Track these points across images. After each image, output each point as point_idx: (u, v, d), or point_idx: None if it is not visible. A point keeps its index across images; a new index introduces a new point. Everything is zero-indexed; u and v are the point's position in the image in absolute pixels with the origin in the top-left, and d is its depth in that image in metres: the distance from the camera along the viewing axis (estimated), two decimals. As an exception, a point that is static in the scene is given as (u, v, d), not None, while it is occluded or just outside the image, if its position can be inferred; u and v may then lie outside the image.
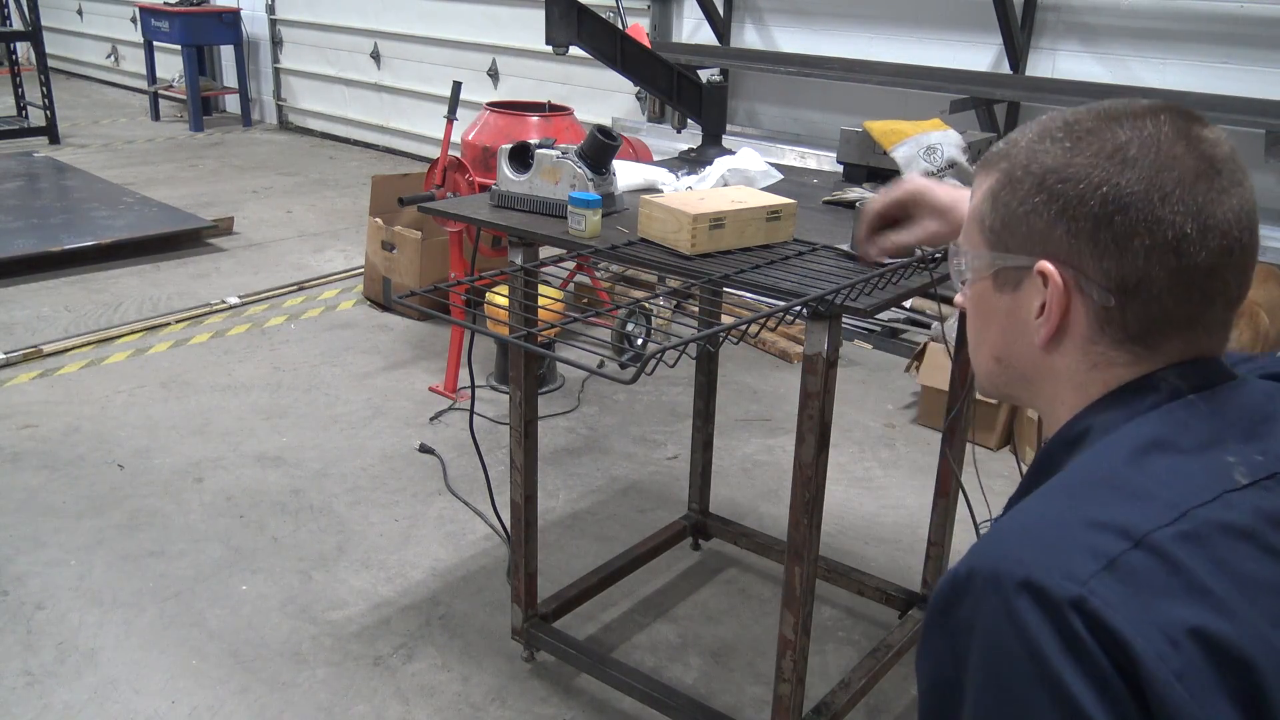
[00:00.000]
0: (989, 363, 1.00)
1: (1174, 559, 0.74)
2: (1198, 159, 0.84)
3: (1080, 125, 0.88)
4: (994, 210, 0.93)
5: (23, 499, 3.26)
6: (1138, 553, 0.74)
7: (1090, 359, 0.90)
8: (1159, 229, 0.83)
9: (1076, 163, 0.86)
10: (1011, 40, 4.75)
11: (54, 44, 11.13)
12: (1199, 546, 0.76)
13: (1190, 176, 0.83)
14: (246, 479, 3.43)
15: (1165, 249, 0.83)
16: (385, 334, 4.76)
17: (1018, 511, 0.83)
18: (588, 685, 2.53)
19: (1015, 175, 0.91)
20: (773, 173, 2.54)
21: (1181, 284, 0.84)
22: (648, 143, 4.65)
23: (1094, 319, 0.88)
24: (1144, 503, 0.78)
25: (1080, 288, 0.87)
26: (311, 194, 7.26)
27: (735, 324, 1.60)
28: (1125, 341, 0.88)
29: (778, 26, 5.82)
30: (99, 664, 2.55)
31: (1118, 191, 0.84)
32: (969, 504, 2.37)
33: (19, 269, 5.25)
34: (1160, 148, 0.84)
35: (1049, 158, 0.88)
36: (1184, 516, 0.77)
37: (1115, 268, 0.85)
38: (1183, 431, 0.84)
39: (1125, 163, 0.84)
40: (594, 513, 3.32)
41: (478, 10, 7.51)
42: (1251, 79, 4.28)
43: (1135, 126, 0.86)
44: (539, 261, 2.13)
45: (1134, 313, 0.86)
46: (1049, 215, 0.88)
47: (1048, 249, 0.88)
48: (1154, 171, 0.84)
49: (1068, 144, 0.88)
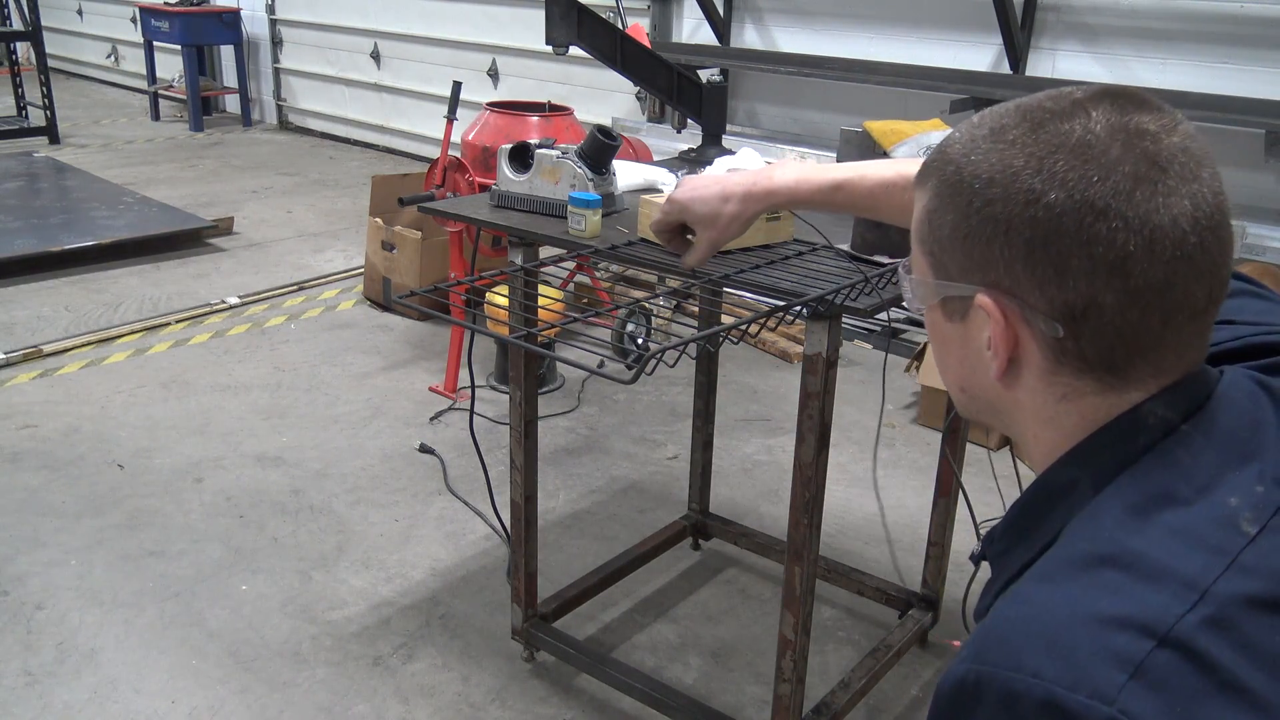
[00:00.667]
0: (956, 391, 0.93)
1: (1203, 655, 0.67)
2: (1136, 159, 0.74)
3: (1007, 131, 0.79)
4: (931, 234, 0.85)
5: (23, 499, 3.26)
6: (1164, 653, 0.67)
7: (1056, 390, 0.81)
8: (1097, 250, 0.74)
9: (1000, 181, 0.78)
10: (1011, 40, 4.75)
11: (54, 44, 11.13)
12: (1225, 634, 0.68)
13: (1128, 184, 0.74)
14: (246, 479, 3.43)
15: (1108, 270, 0.74)
16: (385, 334, 4.76)
17: (1021, 601, 0.74)
18: (588, 685, 2.53)
19: (945, 194, 0.82)
20: (773, 173, 2.53)
21: (1135, 305, 0.75)
22: (648, 143, 4.65)
23: (1048, 350, 0.79)
24: (1158, 585, 0.70)
25: (1025, 319, 0.79)
26: (311, 194, 7.26)
27: (735, 324, 1.60)
28: (1087, 371, 0.79)
29: (778, 26, 5.81)
30: (99, 664, 2.55)
31: (1047, 212, 0.75)
32: (969, 504, 2.37)
33: (19, 269, 5.25)
34: (1091, 155, 0.75)
35: (975, 174, 0.80)
36: (1204, 599, 0.69)
37: (1058, 295, 0.76)
38: (1181, 476, 0.77)
39: (1053, 178, 0.75)
40: (594, 513, 3.32)
41: (478, 10, 7.51)
42: (1251, 79, 4.28)
43: (1064, 131, 0.77)
44: (539, 261, 2.13)
45: (1089, 340, 0.77)
46: (982, 239, 0.79)
47: (986, 277, 0.80)
48: (1085, 186, 0.74)
49: (994, 157, 0.79)
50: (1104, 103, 0.78)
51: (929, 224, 0.85)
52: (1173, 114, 0.78)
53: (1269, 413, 0.82)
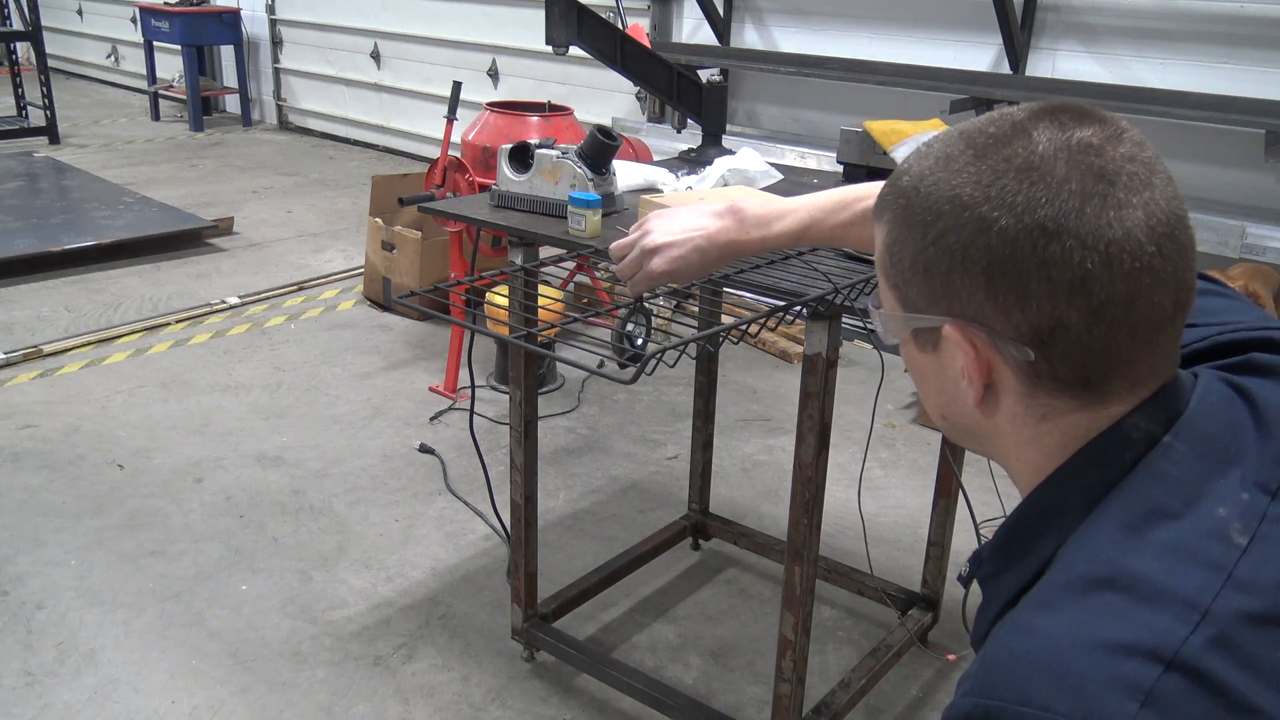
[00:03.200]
0: (938, 419, 0.93)
1: (1211, 677, 0.67)
2: (1083, 176, 0.74)
3: (954, 160, 0.79)
4: (893, 267, 0.84)
5: (23, 499, 3.26)
6: (1172, 677, 0.66)
7: (1035, 412, 0.81)
8: (1054, 271, 0.73)
9: (950, 212, 0.77)
10: (1011, 40, 4.75)
11: (54, 44, 11.13)
12: (1230, 653, 0.68)
13: (1076, 201, 0.73)
14: (246, 479, 3.43)
15: (1069, 290, 0.73)
16: (385, 334, 4.76)
17: (1024, 631, 0.73)
18: (588, 685, 2.53)
19: (901, 226, 0.82)
20: (773, 173, 2.54)
21: (1101, 321, 0.74)
22: (648, 143, 4.65)
23: (1021, 373, 0.79)
24: (1160, 607, 0.70)
25: (994, 346, 0.78)
26: (311, 194, 7.26)
27: (735, 324, 1.60)
28: (1063, 390, 0.79)
29: (778, 26, 5.81)
30: (99, 664, 2.55)
31: (1000, 239, 0.74)
32: (969, 504, 2.37)
33: (19, 269, 5.25)
34: (1035, 176, 0.74)
35: (927, 205, 0.79)
36: (1206, 618, 0.69)
37: (1023, 319, 0.76)
38: (1169, 490, 0.76)
39: (1001, 205, 0.75)
40: (594, 513, 3.32)
41: (478, 10, 7.51)
42: (1251, 79, 4.28)
43: (1006, 156, 0.76)
44: (539, 261, 2.13)
45: (1060, 361, 0.77)
46: (941, 270, 0.78)
47: (952, 307, 0.79)
48: (1033, 209, 0.73)
49: (943, 187, 0.78)
50: (1044, 120, 0.77)
51: (890, 257, 0.84)
52: (1116, 123, 0.78)
53: (1244, 414, 0.82)
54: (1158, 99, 4.26)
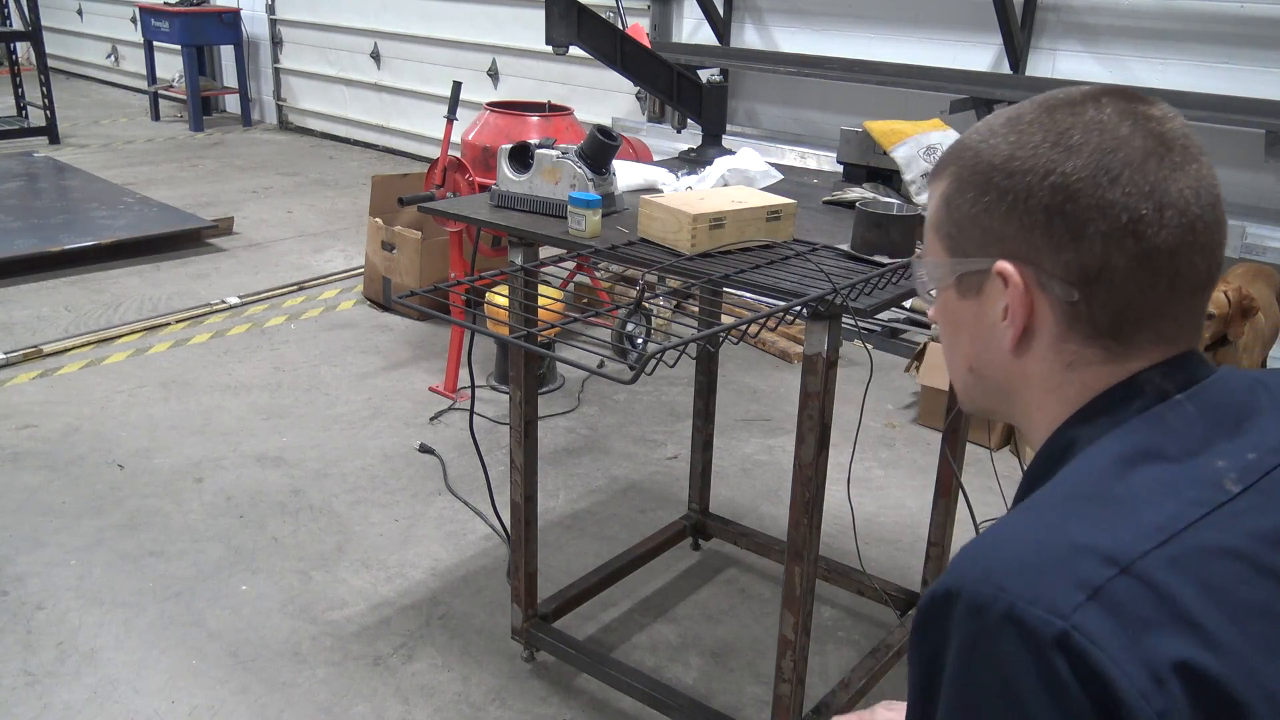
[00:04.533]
0: (964, 374, 0.96)
1: (1161, 587, 0.71)
2: (1145, 137, 0.81)
3: (1023, 118, 0.86)
4: (948, 216, 0.90)
5: (23, 499, 3.26)
6: (1124, 580, 0.71)
7: (1064, 358, 0.86)
8: (1112, 212, 0.80)
9: (1020, 155, 0.84)
10: (1011, 40, 4.75)
11: (54, 44, 11.13)
12: (1187, 573, 0.72)
13: (1139, 156, 0.80)
14: (246, 479, 3.43)
15: (1122, 232, 0.80)
16: (385, 334, 4.76)
17: (1002, 526, 0.79)
18: (588, 685, 2.53)
19: (964, 177, 0.88)
20: (773, 173, 2.54)
21: (1145, 268, 0.81)
22: (648, 143, 4.65)
23: (1060, 316, 0.84)
24: (1130, 523, 0.74)
25: (1041, 285, 0.84)
26: (311, 194, 7.26)
27: (735, 324, 1.60)
28: (1096, 337, 0.84)
29: (778, 26, 5.82)
30: (99, 664, 2.55)
31: (1065, 179, 0.81)
32: (969, 504, 2.37)
33: (19, 269, 5.25)
34: (1105, 130, 0.82)
35: (994, 155, 0.86)
36: (1173, 539, 0.73)
37: (1074, 259, 0.82)
38: (1170, 437, 0.81)
39: (1070, 149, 0.82)
40: (594, 513, 3.32)
41: (478, 10, 7.51)
42: (1251, 79, 4.28)
43: (1076, 112, 0.84)
44: (539, 261, 2.13)
45: (1100, 304, 0.83)
46: (1000, 213, 0.85)
47: (1004, 248, 0.85)
48: (1100, 155, 0.81)
49: (1012, 138, 0.85)
50: (1109, 94, 0.85)
51: (947, 208, 0.90)
52: (1168, 108, 0.85)
53: (1263, 398, 0.86)
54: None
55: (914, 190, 2.27)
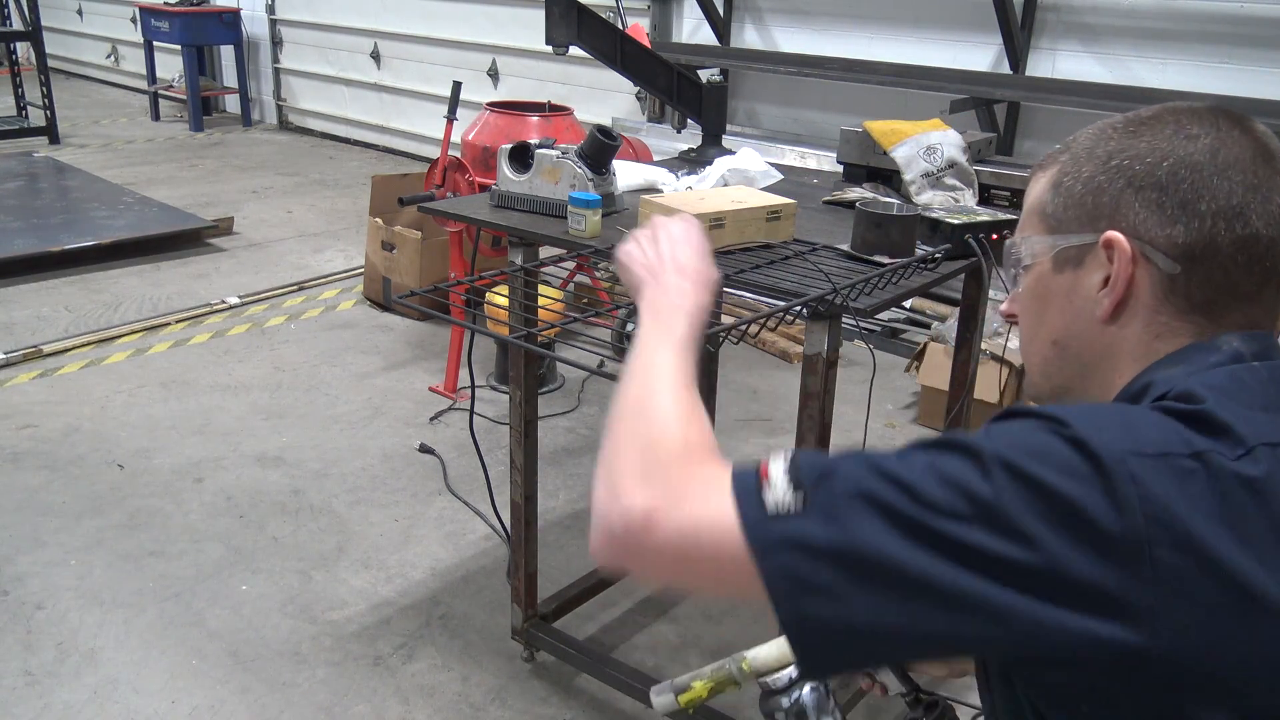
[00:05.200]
0: (1046, 348, 0.99)
1: (1229, 487, 0.74)
2: (1254, 142, 0.88)
3: (1139, 118, 0.92)
4: (1055, 196, 0.95)
5: (23, 499, 3.26)
6: (1196, 464, 0.75)
7: (1154, 329, 0.90)
8: (1223, 194, 0.86)
9: (1140, 144, 0.90)
10: (1011, 40, 4.75)
11: (54, 44, 11.13)
12: (1258, 495, 0.75)
13: (1249, 155, 0.87)
14: (246, 479, 3.43)
15: (1230, 214, 0.86)
16: (385, 334, 4.76)
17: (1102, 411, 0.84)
18: (588, 685, 2.53)
19: (1079, 160, 0.94)
20: (773, 173, 2.54)
21: (1244, 253, 0.86)
22: (648, 143, 4.65)
23: (1158, 288, 0.89)
24: (1219, 434, 0.78)
25: (1146, 256, 0.89)
26: (311, 194, 7.26)
27: (735, 324, 1.60)
28: (1189, 311, 0.89)
29: (778, 26, 5.81)
30: (99, 664, 2.55)
31: (1184, 161, 0.87)
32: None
33: (19, 269, 5.24)
34: (1220, 129, 0.89)
35: (1112, 144, 0.92)
36: (1251, 454, 0.77)
37: (1182, 233, 0.87)
38: (1244, 391, 0.83)
39: (1188, 138, 0.88)
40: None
41: (478, 10, 7.51)
42: (1251, 79, 4.28)
43: (1192, 114, 0.90)
44: (539, 261, 2.13)
45: (1198, 281, 0.88)
46: (1115, 189, 0.90)
47: (1114, 222, 0.90)
48: (1216, 146, 0.88)
49: (1130, 130, 0.91)
50: (1219, 108, 0.92)
51: (1054, 190, 0.96)
52: (1267, 129, 0.92)
53: None
54: (1158, 99, 4.23)
55: (914, 190, 2.27)
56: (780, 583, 0.77)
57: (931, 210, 2.06)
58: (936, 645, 0.79)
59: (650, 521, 0.82)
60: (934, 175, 2.27)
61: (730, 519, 0.78)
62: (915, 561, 0.74)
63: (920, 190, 2.27)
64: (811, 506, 0.77)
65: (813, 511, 0.77)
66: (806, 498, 0.77)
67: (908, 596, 0.74)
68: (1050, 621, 0.72)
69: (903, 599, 0.74)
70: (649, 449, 0.89)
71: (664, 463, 0.87)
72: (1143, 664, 0.73)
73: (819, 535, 0.76)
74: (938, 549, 0.73)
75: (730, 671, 1.27)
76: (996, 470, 0.74)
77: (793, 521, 0.77)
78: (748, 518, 0.78)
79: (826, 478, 0.78)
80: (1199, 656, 0.73)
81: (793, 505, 0.77)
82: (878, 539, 0.74)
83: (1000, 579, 0.72)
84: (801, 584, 0.76)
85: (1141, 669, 0.73)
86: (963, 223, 1.93)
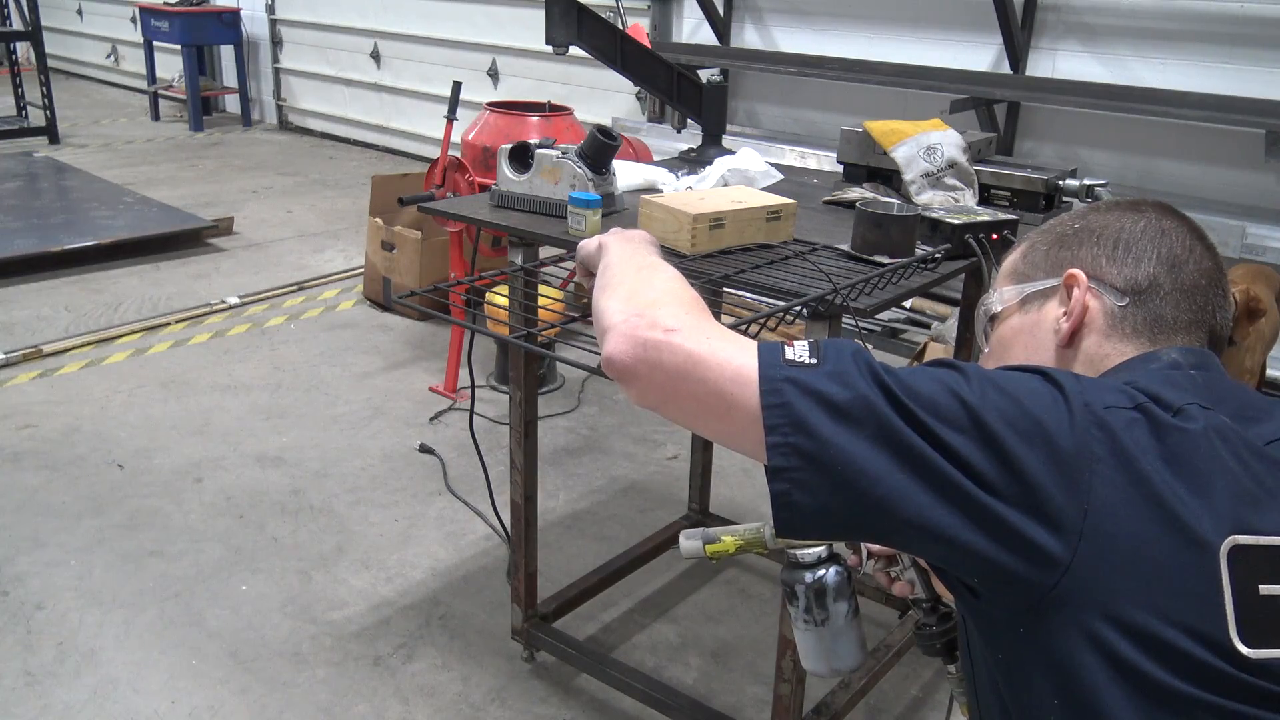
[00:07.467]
0: None
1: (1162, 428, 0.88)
2: (1190, 227, 1.12)
3: (1094, 208, 1.17)
4: (1025, 259, 1.18)
5: (23, 499, 3.26)
6: (1136, 412, 0.89)
7: (1104, 350, 1.08)
8: (1165, 248, 1.10)
9: (1096, 220, 1.14)
10: (1011, 40, 4.75)
11: (54, 44, 11.13)
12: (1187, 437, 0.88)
13: (1185, 229, 1.11)
14: (246, 479, 3.43)
15: (1169, 263, 1.09)
16: (385, 334, 4.76)
17: None
18: (588, 685, 2.53)
19: (1045, 234, 1.18)
20: (773, 173, 2.54)
21: (1180, 292, 1.08)
22: (648, 143, 4.65)
23: (1109, 316, 1.09)
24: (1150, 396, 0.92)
25: (1098, 291, 1.09)
26: (311, 194, 7.26)
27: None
28: (1134, 335, 1.07)
29: (778, 26, 5.81)
30: (99, 664, 2.55)
31: (1135, 226, 1.12)
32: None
33: (19, 269, 5.25)
34: (1164, 212, 1.13)
35: (1077, 224, 1.15)
36: (1183, 411, 0.91)
37: (1131, 274, 1.09)
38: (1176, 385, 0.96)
39: (1137, 217, 1.12)
40: (594, 513, 3.32)
41: (478, 10, 7.51)
42: (1251, 79, 4.28)
43: (1134, 205, 1.14)
44: (539, 261, 2.13)
45: (1144, 311, 1.08)
46: (1076, 243, 1.13)
47: (1074, 264, 1.11)
48: (1158, 219, 1.12)
49: (1088, 214, 1.15)
50: (1157, 203, 1.16)
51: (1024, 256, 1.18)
52: None
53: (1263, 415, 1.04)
54: (1158, 99, 4.26)
55: (914, 190, 2.27)
56: (777, 413, 0.88)
57: (931, 210, 2.06)
58: (899, 514, 0.86)
59: (675, 333, 0.94)
60: (934, 175, 2.27)
61: (749, 356, 0.91)
62: (901, 433, 0.86)
63: (920, 190, 2.27)
64: (824, 364, 0.89)
65: (824, 367, 0.89)
66: (822, 359, 0.90)
67: (893, 458, 0.86)
68: (998, 513, 0.84)
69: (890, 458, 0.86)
70: (681, 301, 1.02)
71: (697, 310, 1.00)
72: (1056, 574, 0.83)
73: (824, 385, 0.88)
74: (924, 437, 0.86)
75: (763, 535, 1.31)
76: (984, 385, 0.89)
77: (804, 369, 0.89)
78: (764, 357, 0.91)
79: (844, 351, 0.90)
80: (1111, 575, 0.83)
81: (808, 360, 0.90)
82: (876, 405, 0.86)
83: (963, 469, 0.85)
84: (796, 421, 0.87)
85: (1053, 581, 0.84)
86: (963, 223, 1.93)
